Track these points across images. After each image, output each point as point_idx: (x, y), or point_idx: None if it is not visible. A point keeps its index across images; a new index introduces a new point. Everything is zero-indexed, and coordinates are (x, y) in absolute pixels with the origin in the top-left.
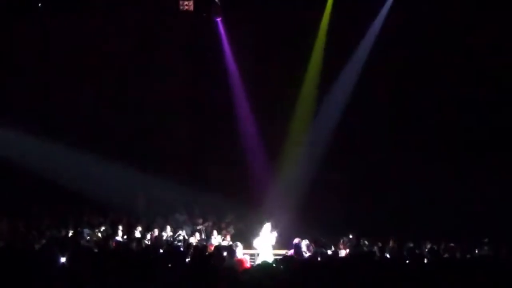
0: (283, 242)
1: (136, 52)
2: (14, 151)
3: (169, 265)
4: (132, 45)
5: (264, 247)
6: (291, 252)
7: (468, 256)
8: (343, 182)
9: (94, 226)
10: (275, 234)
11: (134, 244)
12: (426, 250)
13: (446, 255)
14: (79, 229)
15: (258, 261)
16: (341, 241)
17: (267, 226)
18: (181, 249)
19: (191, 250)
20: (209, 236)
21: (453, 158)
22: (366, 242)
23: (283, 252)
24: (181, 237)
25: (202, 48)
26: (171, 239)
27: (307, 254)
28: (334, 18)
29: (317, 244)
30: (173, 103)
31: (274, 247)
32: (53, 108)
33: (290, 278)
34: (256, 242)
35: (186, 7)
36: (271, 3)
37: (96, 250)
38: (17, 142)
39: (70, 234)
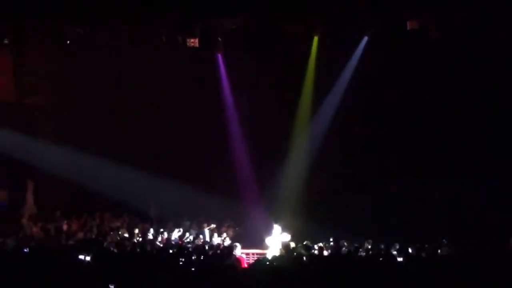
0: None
1: (149, 81)
2: (41, 160)
3: (179, 262)
4: (145, 75)
5: (275, 245)
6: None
7: (432, 255)
8: (328, 191)
9: (113, 230)
10: (286, 235)
11: (148, 245)
12: (396, 250)
13: (413, 254)
14: (102, 232)
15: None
16: (324, 242)
17: (277, 227)
18: (190, 249)
19: (198, 251)
20: (211, 238)
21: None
22: (345, 244)
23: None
24: (188, 240)
25: (204, 78)
26: (180, 241)
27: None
28: (320, 55)
29: (303, 246)
30: (178, 123)
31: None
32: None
33: (282, 272)
34: (267, 240)
35: (192, 44)
36: (266, 43)
37: (116, 251)
38: (43, 152)
39: (94, 236)
